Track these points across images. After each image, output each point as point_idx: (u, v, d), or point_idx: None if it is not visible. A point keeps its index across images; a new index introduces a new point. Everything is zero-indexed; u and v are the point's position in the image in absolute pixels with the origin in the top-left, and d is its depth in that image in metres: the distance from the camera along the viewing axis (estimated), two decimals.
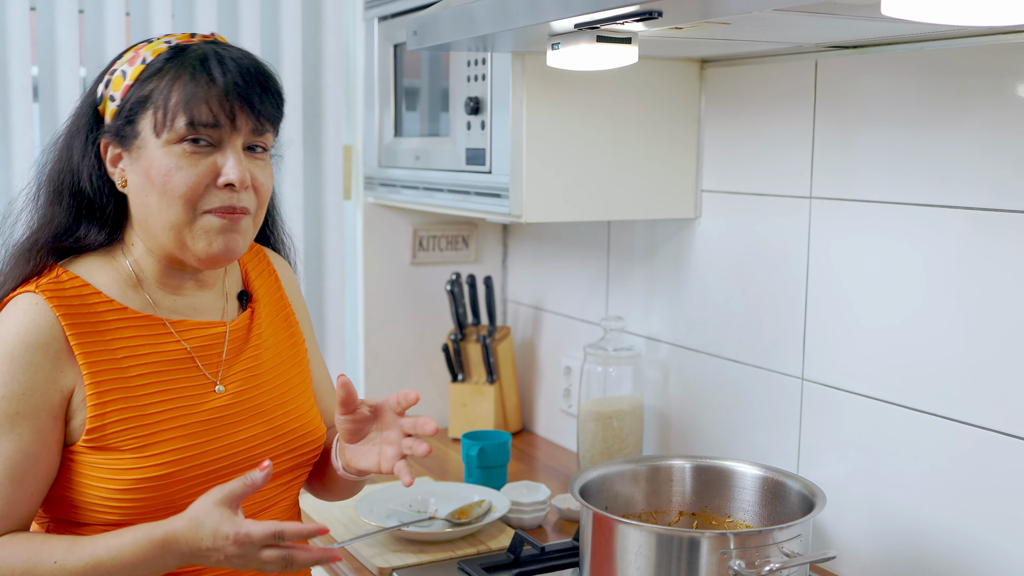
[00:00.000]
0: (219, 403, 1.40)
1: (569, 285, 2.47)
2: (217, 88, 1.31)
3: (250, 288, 1.53)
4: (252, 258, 1.56)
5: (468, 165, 2.03)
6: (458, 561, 1.76)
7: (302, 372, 1.53)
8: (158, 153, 1.32)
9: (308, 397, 1.52)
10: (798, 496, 1.54)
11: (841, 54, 1.71)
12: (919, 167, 1.59)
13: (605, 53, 1.51)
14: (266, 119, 1.36)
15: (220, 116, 1.31)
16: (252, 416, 1.42)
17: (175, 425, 1.35)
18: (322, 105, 2.51)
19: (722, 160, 1.98)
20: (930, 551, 1.60)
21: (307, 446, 1.48)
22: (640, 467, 1.66)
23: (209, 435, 1.37)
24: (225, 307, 1.48)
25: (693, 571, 1.36)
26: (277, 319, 1.54)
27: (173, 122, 1.31)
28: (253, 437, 1.42)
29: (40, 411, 1.30)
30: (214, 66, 1.32)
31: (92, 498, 1.32)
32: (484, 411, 2.51)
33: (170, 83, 1.32)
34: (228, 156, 1.33)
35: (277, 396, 1.46)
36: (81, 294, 1.34)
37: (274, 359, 1.49)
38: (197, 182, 1.32)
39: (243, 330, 1.47)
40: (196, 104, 1.30)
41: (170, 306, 1.41)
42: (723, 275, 1.99)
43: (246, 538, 1.25)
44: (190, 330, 1.41)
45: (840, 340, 1.74)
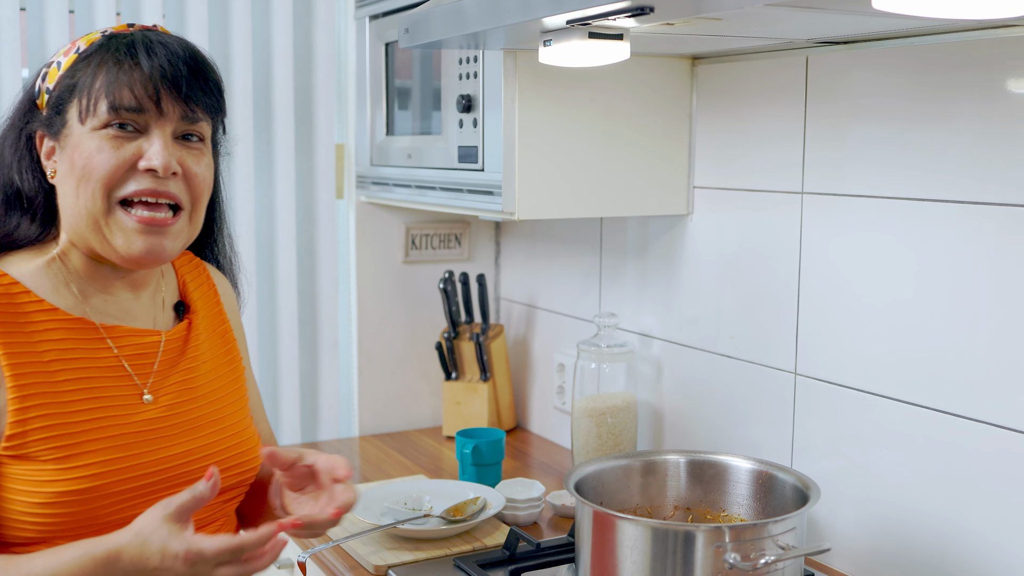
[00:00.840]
0: (150, 415, 1.33)
1: (562, 282, 2.47)
2: (141, 72, 1.27)
3: (188, 299, 1.47)
4: (191, 269, 1.51)
5: (460, 163, 2.03)
6: (454, 558, 1.76)
7: (239, 390, 1.47)
8: (83, 140, 1.27)
9: (244, 416, 1.46)
10: (792, 489, 1.54)
11: (832, 50, 1.71)
12: (910, 161, 1.60)
13: (597, 49, 1.51)
14: (197, 105, 1.30)
15: (144, 100, 1.27)
16: (185, 431, 1.35)
17: (102, 436, 1.27)
18: (314, 104, 2.51)
19: (714, 156, 1.99)
20: (923, 543, 1.61)
21: (242, 466, 1.41)
22: (635, 462, 1.67)
23: (138, 448, 1.30)
24: (159, 315, 1.42)
25: (689, 565, 1.37)
26: (215, 334, 1.48)
27: (96, 107, 1.27)
28: (185, 453, 1.34)
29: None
30: (140, 51, 1.28)
31: (9, 512, 1.24)
32: (478, 409, 2.52)
33: (95, 69, 1.28)
34: (154, 141, 1.28)
35: (212, 412, 1.40)
36: (9, 292, 1.28)
37: (210, 374, 1.43)
38: (117, 165, 1.26)
39: (179, 341, 1.41)
40: (119, 88, 1.26)
41: (101, 308, 1.35)
42: (715, 271, 2.00)
43: (198, 556, 1.18)
44: (123, 337, 1.34)
45: (833, 334, 1.75)
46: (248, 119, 2.42)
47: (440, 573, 1.72)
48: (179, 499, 1.21)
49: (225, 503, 1.41)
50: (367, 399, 2.61)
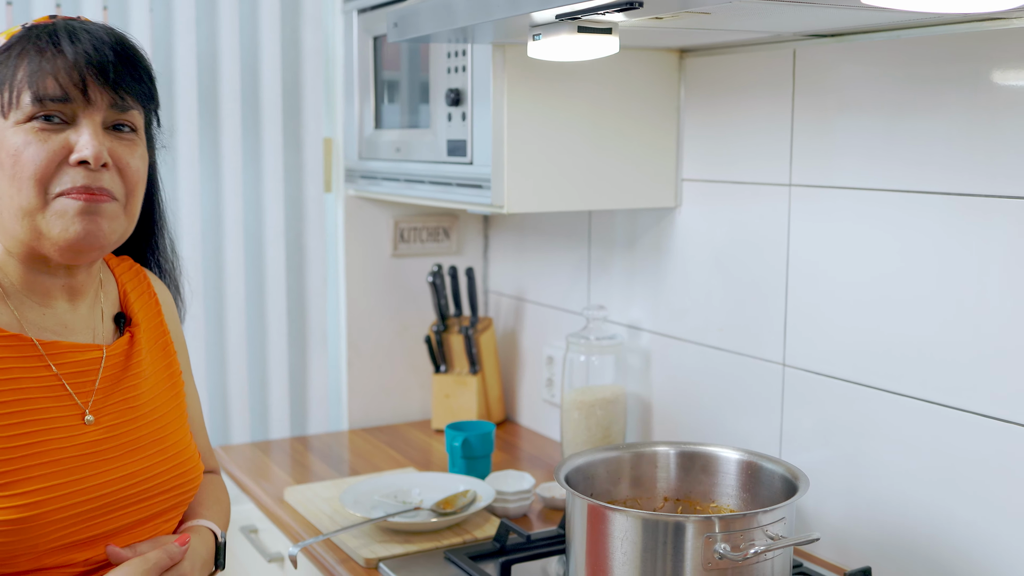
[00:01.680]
0: (92, 437, 1.27)
1: (550, 275, 2.48)
2: (65, 59, 1.21)
3: (128, 310, 1.40)
4: (131, 278, 1.44)
5: (449, 156, 2.03)
6: (444, 551, 1.77)
7: (179, 406, 1.42)
8: (8, 135, 1.21)
9: (185, 434, 1.41)
10: (781, 480, 1.55)
11: (819, 43, 1.72)
12: (897, 153, 1.61)
13: (586, 44, 1.52)
14: (127, 93, 1.25)
15: (69, 88, 1.21)
16: (127, 452, 1.30)
17: (41, 461, 1.21)
18: (302, 98, 2.51)
19: (702, 149, 2.00)
20: (911, 533, 1.62)
21: (184, 487, 1.37)
22: (624, 454, 1.68)
23: (79, 472, 1.24)
24: (98, 328, 1.35)
25: (679, 555, 1.37)
26: (156, 347, 1.42)
27: (19, 99, 1.21)
28: (128, 476, 1.29)
29: None
30: (63, 38, 1.22)
31: None
32: (467, 402, 2.52)
33: (16, 60, 1.22)
34: (83, 131, 1.22)
35: (154, 431, 1.34)
36: None
37: (152, 391, 1.37)
38: (48, 160, 1.20)
39: (121, 356, 1.34)
40: (42, 77, 1.20)
41: (38, 322, 1.28)
42: (704, 263, 2.00)
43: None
44: (63, 353, 1.27)
45: (820, 326, 1.76)
46: (236, 114, 2.41)
47: (431, 566, 1.73)
48: (154, 558, 1.24)
49: (166, 522, 1.37)
50: (356, 393, 2.61)
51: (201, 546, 1.37)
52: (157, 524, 1.34)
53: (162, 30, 2.36)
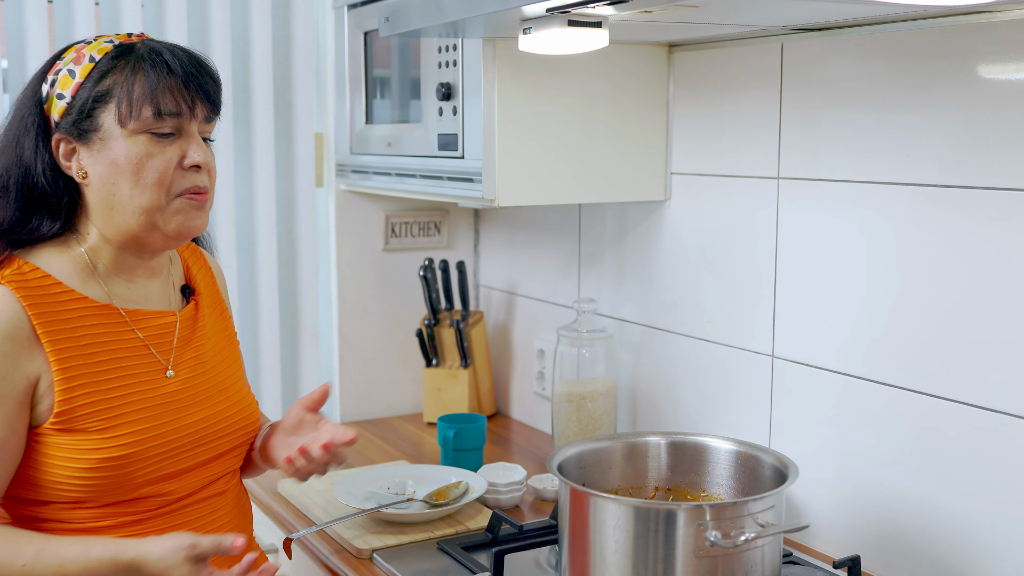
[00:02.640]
0: (172, 388, 1.50)
1: (541, 269, 2.49)
2: (177, 78, 1.42)
3: (192, 282, 1.63)
4: (192, 256, 1.66)
5: (440, 151, 2.05)
6: (437, 541, 1.78)
7: (236, 362, 1.65)
8: (124, 143, 1.40)
9: (244, 384, 1.64)
10: (771, 469, 1.57)
11: (807, 36, 1.74)
12: (885, 146, 1.63)
13: (576, 37, 1.53)
14: (214, 107, 1.48)
15: (182, 104, 1.42)
16: (199, 401, 1.53)
17: (135, 408, 1.44)
18: (292, 93, 2.52)
19: (691, 143, 2.01)
20: (899, 522, 1.64)
21: (245, 428, 1.60)
22: (616, 444, 1.69)
23: (164, 417, 1.47)
24: (172, 298, 1.57)
25: (670, 543, 1.39)
26: (215, 312, 1.64)
27: (140, 112, 1.40)
28: (201, 420, 1.52)
29: (7, 398, 1.36)
30: (169, 58, 1.42)
31: (56, 477, 1.40)
32: (458, 395, 2.54)
33: (131, 76, 1.41)
34: (192, 140, 1.44)
35: (219, 383, 1.57)
36: (43, 285, 1.41)
37: (215, 348, 1.60)
38: (167, 167, 1.42)
39: (190, 320, 1.57)
40: (161, 94, 1.40)
41: (123, 295, 1.49)
42: (693, 256, 2.02)
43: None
44: (144, 319, 1.50)
45: (809, 317, 1.78)
46: (227, 108, 2.42)
47: (424, 556, 1.74)
48: (204, 543, 1.35)
49: (233, 458, 1.60)
50: (348, 386, 2.62)
51: None
52: (226, 459, 1.57)
53: (153, 25, 2.36)
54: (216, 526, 1.55)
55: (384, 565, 1.72)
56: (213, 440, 1.53)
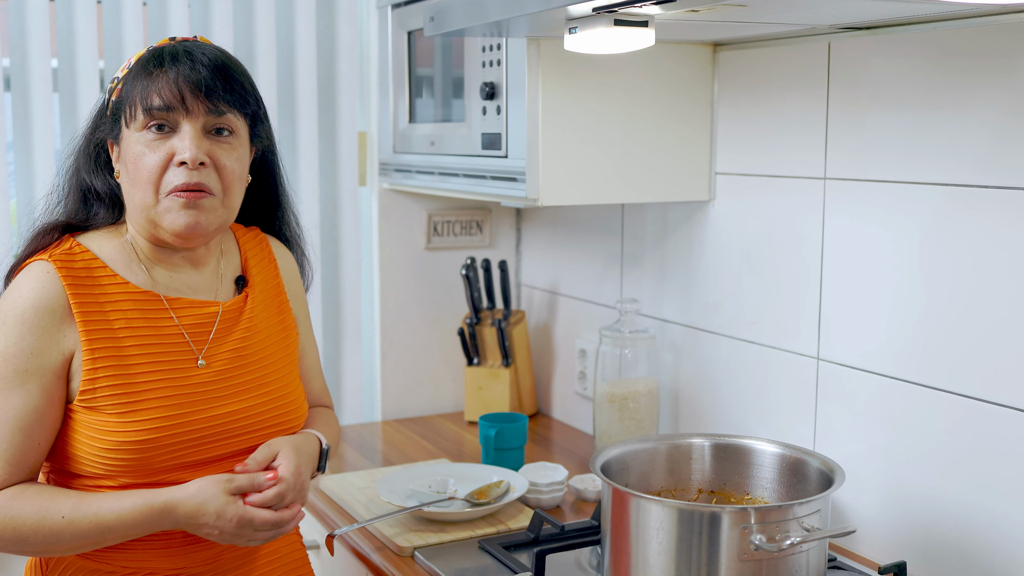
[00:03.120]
0: (202, 378, 1.51)
1: (583, 269, 2.49)
2: (167, 78, 1.45)
3: (248, 273, 1.63)
4: (254, 246, 1.67)
5: (484, 150, 2.05)
6: (479, 540, 1.78)
7: (289, 355, 1.64)
8: (131, 142, 1.47)
9: (293, 379, 1.63)
10: (816, 473, 1.55)
11: (854, 35, 1.72)
12: (933, 146, 1.61)
13: (622, 36, 1.52)
14: (221, 101, 1.47)
15: (171, 100, 1.44)
16: (233, 393, 1.53)
17: (159, 395, 1.46)
18: (336, 93, 2.53)
19: (736, 142, 2.00)
20: (946, 528, 1.62)
21: (282, 425, 1.58)
22: (660, 445, 1.68)
23: (190, 407, 1.48)
24: (220, 288, 1.59)
25: (714, 546, 1.38)
26: (271, 305, 1.65)
27: (135, 112, 1.46)
28: (232, 412, 1.52)
29: (46, 370, 1.43)
30: (167, 60, 1.46)
31: (82, 452, 1.45)
32: (499, 394, 2.54)
33: (132, 79, 1.48)
34: (184, 137, 1.45)
35: (258, 377, 1.57)
36: (89, 266, 1.47)
37: (263, 342, 1.59)
38: (157, 165, 1.45)
39: (235, 311, 1.58)
40: (149, 93, 1.45)
41: (167, 283, 1.53)
42: (737, 256, 2.01)
43: (248, 522, 1.43)
44: (184, 308, 1.52)
45: (855, 320, 1.76)
46: (272, 108, 2.43)
47: (465, 555, 1.75)
48: (239, 480, 1.44)
49: None
50: (389, 384, 2.63)
51: (307, 445, 1.58)
52: None
53: (199, 26, 2.38)
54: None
55: (425, 563, 1.72)
56: (243, 433, 1.53)
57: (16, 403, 1.42)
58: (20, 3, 2.22)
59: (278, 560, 1.64)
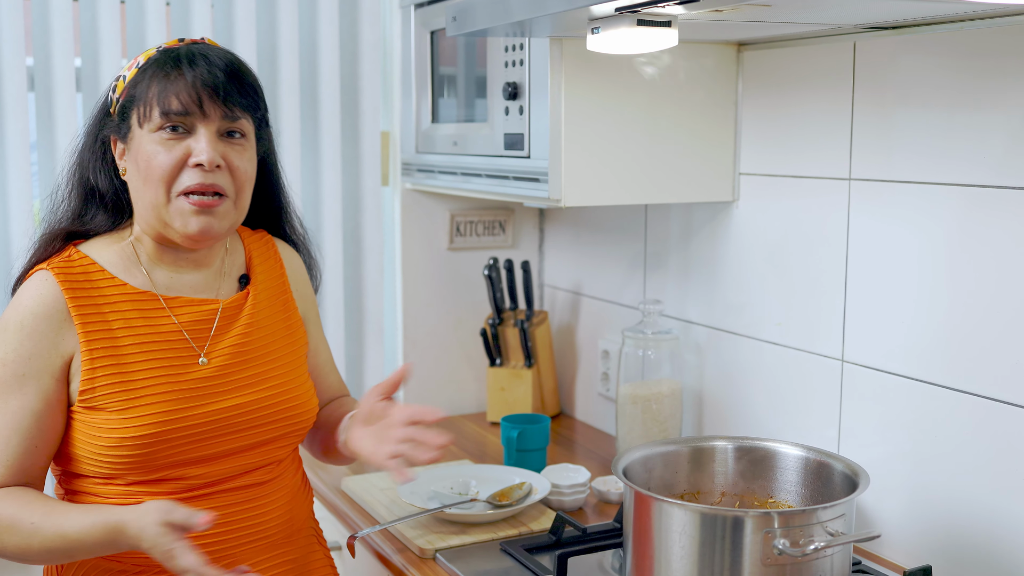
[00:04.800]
0: (202, 374, 1.52)
1: (606, 269, 2.48)
2: (185, 81, 1.47)
3: (251, 272, 1.65)
4: (260, 247, 1.69)
5: (506, 150, 2.04)
6: (500, 542, 1.78)
7: (295, 352, 1.65)
8: (143, 141, 1.48)
9: (299, 374, 1.64)
10: (841, 476, 1.54)
11: (879, 35, 1.70)
12: (959, 147, 1.59)
13: (645, 36, 1.52)
14: (235, 106, 1.50)
15: (189, 104, 1.47)
16: (234, 388, 1.54)
17: (158, 391, 1.48)
18: (359, 92, 2.53)
19: (760, 143, 1.99)
20: (972, 532, 1.61)
21: (289, 420, 1.60)
22: (683, 448, 1.67)
23: (190, 402, 1.49)
24: (222, 287, 1.61)
25: (737, 550, 1.37)
26: (276, 302, 1.66)
27: (151, 112, 1.47)
28: (233, 407, 1.53)
29: (44, 374, 1.45)
30: (184, 63, 1.48)
31: (85, 452, 1.47)
32: (522, 395, 2.53)
33: (149, 80, 1.49)
34: (200, 139, 1.47)
35: (261, 372, 1.58)
36: (87, 271, 1.50)
37: (266, 338, 1.61)
38: (172, 165, 1.47)
39: (236, 308, 1.59)
40: (167, 95, 1.47)
41: (167, 283, 1.55)
42: (761, 257, 1.99)
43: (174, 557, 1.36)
44: (183, 306, 1.54)
45: (881, 322, 1.74)
46: (295, 108, 2.44)
47: (487, 557, 1.74)
48: (177, 512, 1.37)
49: (277, 448, 1.60)
50: (412, 385, 2.63)
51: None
52: (269, 449, 1.58)
53: (223, 26, 2.39)
54: (258, 515, 1.57)
55: (447, 565, 1.72)
56: (248, 428, 1.54)
57: (14, 407, 1.45)
58: (44, 3, 2.23)
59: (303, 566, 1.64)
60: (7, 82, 2.21)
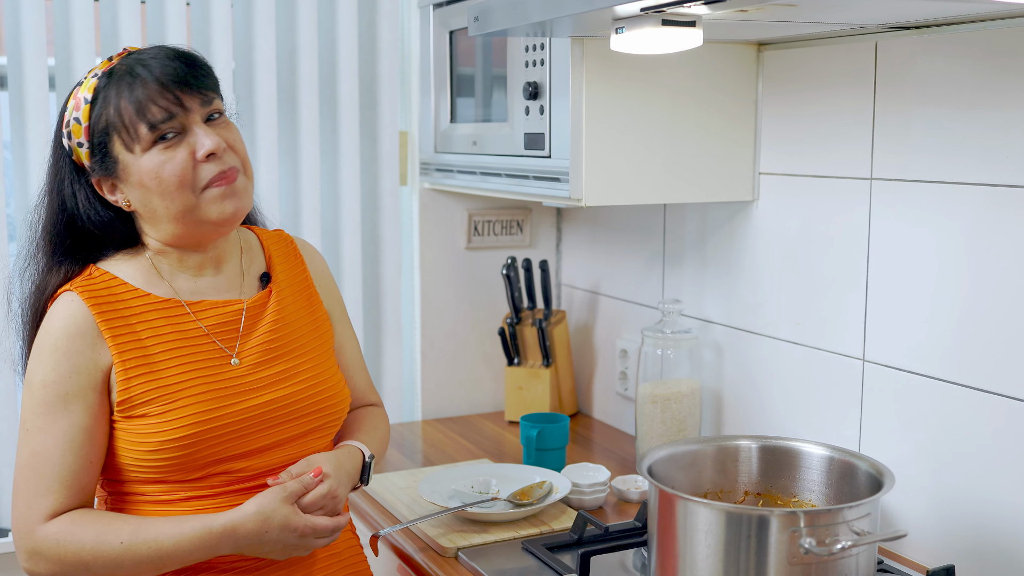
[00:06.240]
0: (236, 373, 1.54)
1: (624, 269, 2.48)
2: (152, 87, 1.45)
3: (272, 270, 1.67)
4: (279, 246, 1.71)
5: (527, 149, 2.04)
6: (522, 541, 1.78)
7: (322, 345, 1.67)
8: (140, 164, 1.47)
9: (329, 367, 1.65)
10: (865, 476, 1.54)
11: (901, 35, 1.70)
12: (982, 147, 1.59)
13: (670, 36, 1.52)
14: (206, 89, 1.50)
15: (169, 107, 1.46)
16: (267, 384, 1.56)
17: (194, 393, 1.50)
18: (378, 92, 2.53)
19: (780, 142, 1.98)
20: (996, 532, 1.60)
21: (327, 411, 1.62)
22: (706, 447, 1.67)
23: (225, 401, 1.51)
24: (244, 287, 1.63)
25: (763, 550, 1.37)
26: (300, 298, 1.68)
27: (137, 133, 1.46)
28: (269, 403, 1.55)
29: (86, 389, 1.47)
30: (140, 71, 1.46)
31: (128, 459, 1.49)
32: (540, 394, 2.53)
33: (116, 104, 1.47)
34: (196, 133, 1.48)
35: (295, 366, 1.60)
36: (110, 286, 1.52)
37: (293, 333, 1.63)
38: (184, 168, 1.47)
39: (260, 307, 1.61)
40: (147, 107, 1.45)
41: (191, 289, 1.57)
42: (781, 257, 1.99)
43: (311, 531, 1.49)
44: (207, 309, 1.56)
45: (903, 321, 1.74)
46: (314, 107, 2.45)
47: (509, 556, 1.74)
48: (292, 487, 1.49)
49: (316, 440, 1.62)
50: (430, 384, 2.64)
51: (348, 462, 1.61)
52: (307, 441, 1.60)
53: (242, 26, 2.39)
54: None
55: (469, 563, 1.72)
56: (283, 423, 1.56)
57: (64, 426, 1.46)
58: (16, 1, 2.20)
59: (336, 556, 1.66)
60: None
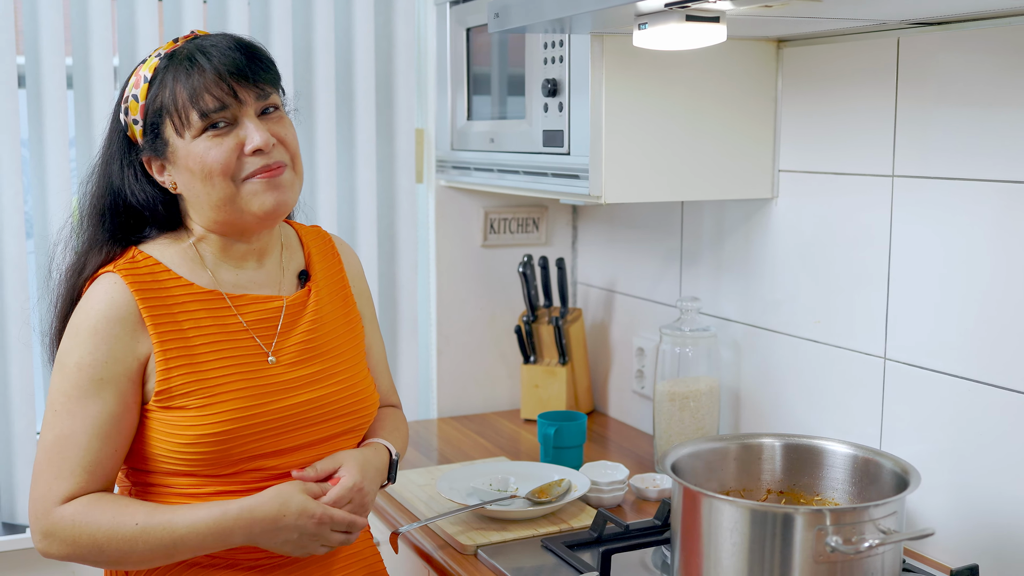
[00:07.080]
0: (273, 371, 1.54)
1: (640, 267, 2.47)
2: (209, 76, 1.46)
3: (311, 269, 1.66)
4: (317, 243, 1.71)
5: (545, 147, 2.04)
6: (541, 539, 1.78)
7: (356, 347, 1.67)
8: (188, 149, 1.48)
9: (360, 369, 1.66)
10: (889, 474, 1.53)
11: (924, 31, 1.69)
12: (1007, 143, 1.58)
13: (693, 32, 1.51)
14: (264, 83, 1.50)
15: (224, 97, 1.46)
16: (304, 384, 1.56)
17: (233, 388, 1.50)
18: (394, 89, 2.53)
19: (800, 139, 1.98)
20: (1019, 530, 1.59)
21: (356, 414, 1.61)
22: (729, 445, 1.67)
23: (263, 399, 1.51)
24: (284, 283, 1.62)
25: (788, 548, 1.37)
26: (336, 298, 1.68)
27: (188, 118, 1.46)
28: (305, 403, 1.55)
29: (121, 377, 1.46)
30: (200, 58, 1.47)
31: (161, 450, 1.48)
32: (556, 392, 2.53)
33: (172, 88, 1.47)
34: (247, 126, 1.48)
35: (328, 367, 1.60)
36: (153, 272, 1.51)
37: (329, 335, 1.62)
38: (228, 157, 1.47)
39: (299, 305, 1.61)
40: (198, 96, 1.46)
41: (232, 281, 1.57)
42: (800, 254, 1.98)
43: (329, 519, 1.49)
44: (249, 304, 1.56)
45: (925, 319, 1.73)
46: (330, 105, 2.44)
47: (528, 553, 1.74)
48: (311, 485, 1.50)
49: (344, 441, 1.62)
50: (446, 382, 2.63)
51: (376, 458, 1.62)
52: (337, 442, 1.59)
53: (259, 23, 2.39)
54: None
55: (489, 561, 1.72)
56: (320, 422, 1.56)
57: (93, 411, 1.45)
58: (34, 1, 2.20)
59: (355, 555, 1.66)
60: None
